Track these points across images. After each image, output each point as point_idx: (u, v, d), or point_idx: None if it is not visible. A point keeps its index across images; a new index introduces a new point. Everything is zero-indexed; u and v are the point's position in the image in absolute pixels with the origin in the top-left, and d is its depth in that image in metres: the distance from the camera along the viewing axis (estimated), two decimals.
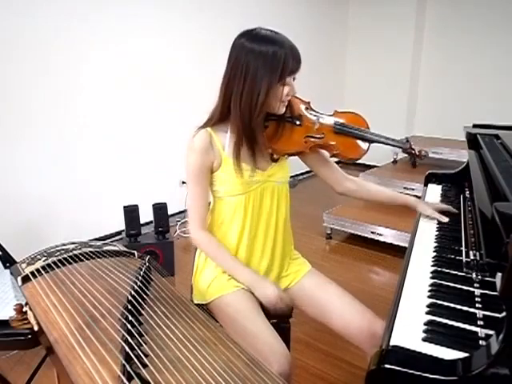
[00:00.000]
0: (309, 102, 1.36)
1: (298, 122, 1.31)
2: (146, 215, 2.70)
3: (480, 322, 0.79)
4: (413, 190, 3.49)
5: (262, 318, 1.20)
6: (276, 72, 1.14)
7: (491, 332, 0.72)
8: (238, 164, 1.21)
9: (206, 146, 1.21)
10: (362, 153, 1.34)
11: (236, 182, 1.23)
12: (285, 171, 1.33)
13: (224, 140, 1.24)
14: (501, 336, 0.63)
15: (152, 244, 2.58)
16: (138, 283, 1.05)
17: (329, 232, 3.29)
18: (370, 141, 1.34)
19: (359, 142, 1.34)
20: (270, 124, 1.28)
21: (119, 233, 2.83)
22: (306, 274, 1.37)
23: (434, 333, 0.76)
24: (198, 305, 1.25)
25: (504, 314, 0.65)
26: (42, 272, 1.13)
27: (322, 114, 1.35)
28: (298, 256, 1.44)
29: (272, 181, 1.29)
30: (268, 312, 1.22)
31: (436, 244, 1.18)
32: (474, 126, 1.82)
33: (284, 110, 1.24)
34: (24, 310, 1.04)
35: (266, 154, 1.29)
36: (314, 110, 1.35)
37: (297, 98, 1.32)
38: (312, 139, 1.31)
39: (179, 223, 3.41)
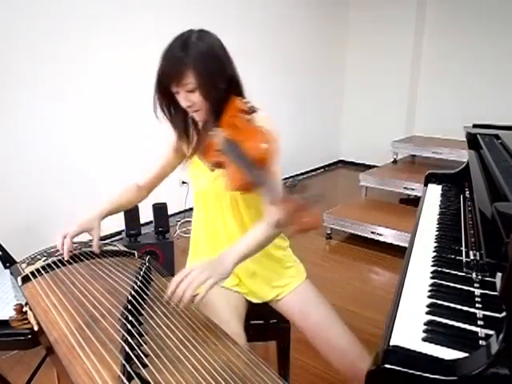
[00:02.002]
0: (248, 104, 1.10)
1: (204, 133, 1.16)
2: (146, 215, 2.69)
3: (480, 322, 0.79)
4: (413, 189, 3.49)
5: (237, 312, 1.19)
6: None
7: (491, 332, 0.72)
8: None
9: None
10: (238, 184, 1.00)
11: (192, 174, 1.29)
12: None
13: None
14: (501, 336, 0.63)
15: (152, 244, 2.58)
16: (138, 283, 1.05)
17: (329, 232, 3.28)
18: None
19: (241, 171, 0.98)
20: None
21: (119, 233, 2.83)
22: (293, 290, 1.28)
23: (434, 333, 0.76)
24: None
25: (504, 313, 0.65)
26: (42, 272, 1.13)
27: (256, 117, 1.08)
28: (292, 265, 1.34)
29: (216, 185, 1.21)
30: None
31: (436, 244, 1.18)
32: (474, 125, 1.82)
33: (197, 117, 1.17)
34: (24, 310, 1.04)
35: None
36: (247, 120, 1.07)
37: (239, 103, 1.10)
38: (214, 153, 1.08)
39: (179, 223, 3.41)
